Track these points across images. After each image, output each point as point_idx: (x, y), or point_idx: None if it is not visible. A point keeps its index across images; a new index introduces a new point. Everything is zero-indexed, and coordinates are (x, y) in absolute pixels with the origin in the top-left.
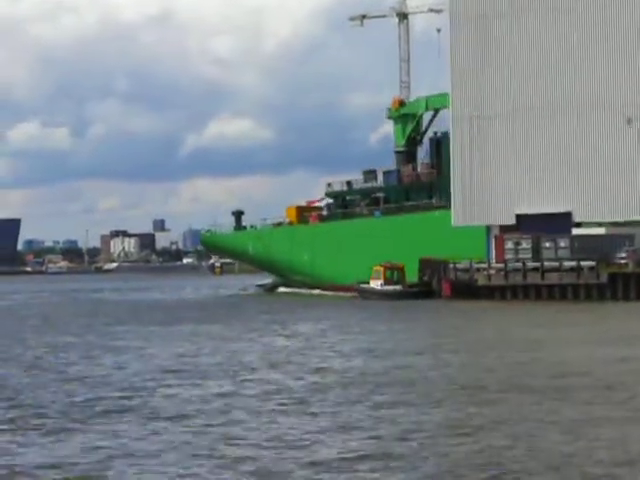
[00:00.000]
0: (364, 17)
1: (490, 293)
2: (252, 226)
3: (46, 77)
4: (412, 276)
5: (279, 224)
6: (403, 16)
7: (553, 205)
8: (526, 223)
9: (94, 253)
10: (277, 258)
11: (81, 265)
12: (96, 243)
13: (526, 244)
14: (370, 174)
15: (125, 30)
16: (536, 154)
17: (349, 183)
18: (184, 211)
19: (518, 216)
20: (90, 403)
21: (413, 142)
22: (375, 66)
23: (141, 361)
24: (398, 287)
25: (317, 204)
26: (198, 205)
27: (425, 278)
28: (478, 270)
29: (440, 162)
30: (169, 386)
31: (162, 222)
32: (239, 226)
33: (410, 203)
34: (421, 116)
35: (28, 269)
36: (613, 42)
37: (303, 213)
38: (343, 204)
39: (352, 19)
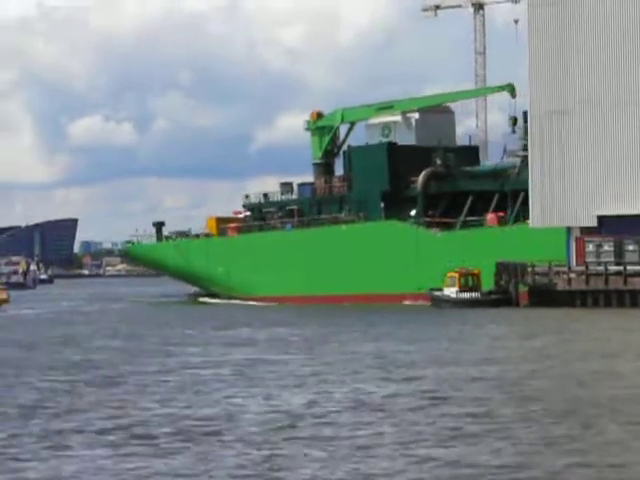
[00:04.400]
0: (437, 7)
1: (570, 299)
2: (171, 237)
3: (108, 69)
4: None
5: (197, 236)
6: (479, 6)
7: (637, 206)
8: (608, 225)
9: None
10: (195, 270)
11: (140, 268)
12: None
13: (608, 247)
14: (286, 186)
15: (190, 20)
16: (619, 151)
17: (266, 195)
18: None
19: (600, 217)
20: None
21: (331, 155)
22: (450, 58)
23: None
24: (475, 294)
25: (241, 215)
26: None
27: (502, 283)
28: (557, 274)
29: (351, 175)
30: None
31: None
32: (160, 237)
33: (321, 216)
34: (337, 129)
35: (85, 272)
36: None
37: (221, 225)
38: (260, 216)
39: (425, 9)
